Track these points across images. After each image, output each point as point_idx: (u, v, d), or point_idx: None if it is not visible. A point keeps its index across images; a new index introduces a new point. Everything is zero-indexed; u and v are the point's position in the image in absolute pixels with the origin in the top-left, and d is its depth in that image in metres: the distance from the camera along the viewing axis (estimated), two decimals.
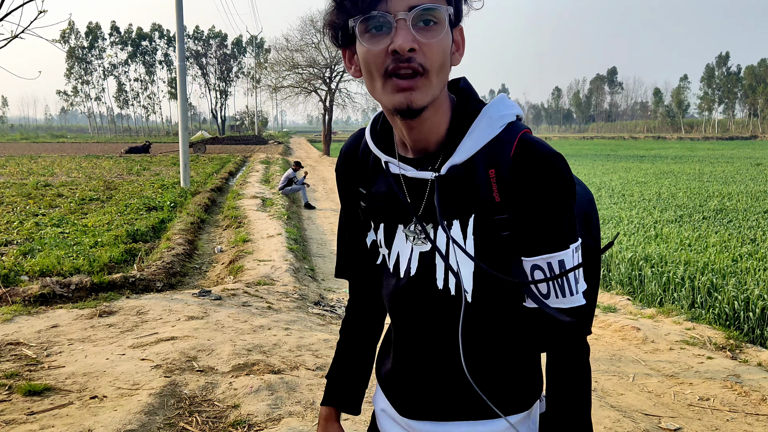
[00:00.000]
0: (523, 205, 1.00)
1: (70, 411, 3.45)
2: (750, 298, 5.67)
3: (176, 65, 16.16)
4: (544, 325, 1.04)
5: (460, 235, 1.04)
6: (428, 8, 0.93)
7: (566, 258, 1.00)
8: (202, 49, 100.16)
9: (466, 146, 1.02)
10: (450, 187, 1.03)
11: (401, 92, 0.96)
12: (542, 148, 1.01)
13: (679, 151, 46.37)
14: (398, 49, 0.93)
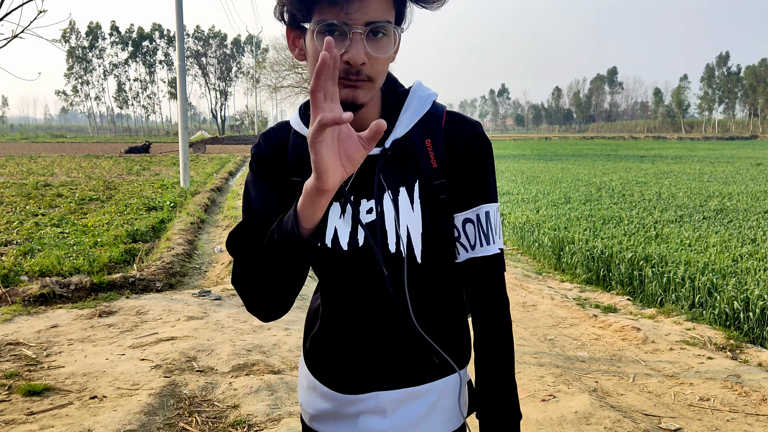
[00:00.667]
0: (456, 168, 1.15)
1: (69, 411, 3.45)
2: (750, 298, 5.66)
3: (176, 65, 16.16)
4: (474, 274, 1.18)
5: (407, 201, 1.13)
6: (382, 25, 1.03)
7: (491, 210, 1.17)
8: (202, 49, 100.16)
9: (404, 121, 1.15)
10: (394, 158, 1.14)
11: (346, 88, 1.04)
12: (467, 117, 1.18)
13: (679, 151, 46.37)
14: (351, 62, 1.02)
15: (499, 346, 1.19)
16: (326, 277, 1.23)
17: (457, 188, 1.16)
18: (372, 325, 1.18)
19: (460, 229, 1.17)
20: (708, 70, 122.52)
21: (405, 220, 1.13)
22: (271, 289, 1.10)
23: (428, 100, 1.19)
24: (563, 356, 4.82)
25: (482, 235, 1.16)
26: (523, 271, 8.08)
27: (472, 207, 1.16)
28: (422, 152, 1.15)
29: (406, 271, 1.14)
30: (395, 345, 1.18)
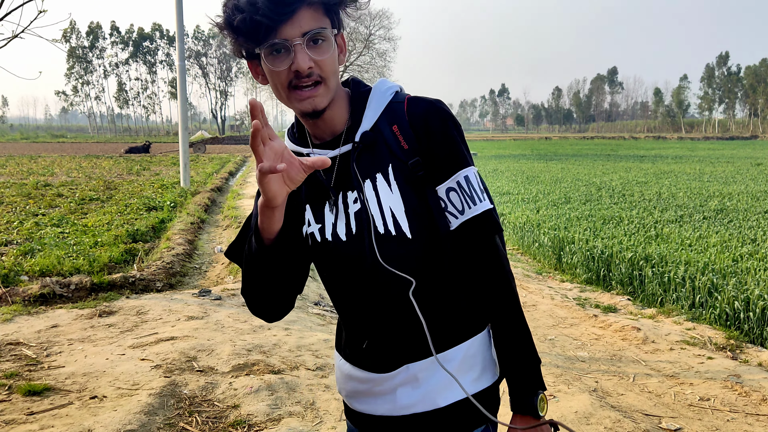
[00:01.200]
0: (426, 145, 1.24)
1: (69, 411, 3.45)
2: (750, 298, 5.66)
3: (176, 65, 16.17)
4: (468, 236, 1.24)
5: (385, 184, 1.24)
6: (317, 31, 1.16)
7: (469, 174, 1.24)
8: (202, 49, 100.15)
9: (368, 116, 1.26)
10: (366, 150, 1.25)
11: (305, 100, 1.18)
12: (426, 98, 1.27)
13: (679, 151, 46.37)
14: (299, 70, 1.15)
15: (502, 297, 1.26)
16: (331, 270, 1.34)
17: (432, 163, 1.24)
18: (382, 304, 1.28)
19: (446, 200, 1.24)
20: (708, 70, 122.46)
21: (387, 202, 1.23)
22: (263, 292, 1.27)
23: (388, 92, 1.29)
24: (563, 356, 4.82)
25: (467, 197, 1.23)
26: (523, 271, 8.08)
27: (450, 176, 1.24)
28: (391, 138, 1.25)
29: (395, 248, 1.23)
30: (408, 319, 1.26)
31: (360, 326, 1.33)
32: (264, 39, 1.15)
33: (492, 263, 1.26)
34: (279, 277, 1.24)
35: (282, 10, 1.13)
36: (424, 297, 1.25)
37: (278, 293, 1.28)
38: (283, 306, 1.32)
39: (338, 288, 1.35)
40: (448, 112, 1.26)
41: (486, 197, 1.26)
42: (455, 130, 1.26)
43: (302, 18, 1.15)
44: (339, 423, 3.44)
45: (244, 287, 1.29)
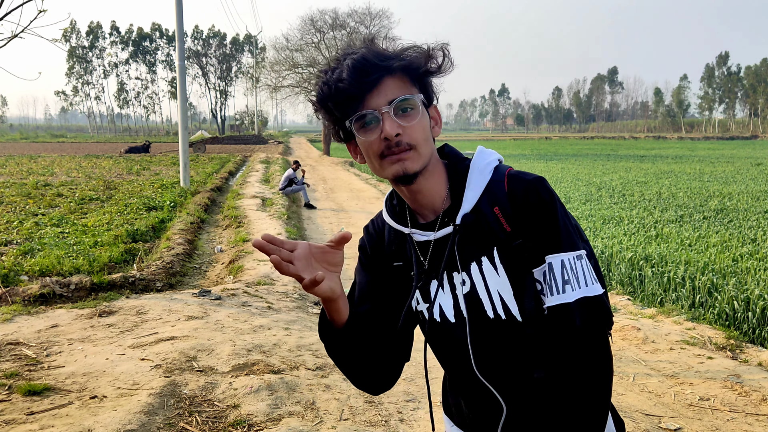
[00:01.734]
0: (526, 225, 1.20)
1: (69, 411, 3.45)
2: (750, 298, 5.66)
3: (176, 65, 16.16)
4: (552, 323, 1.18)
5: (491, 268, 1.22)
6: (403, 99, 1.18)
7: (554, 261, 1.17)
8: (202, 49, 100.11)
9: (469, 197, 1.23)
10: (468, 233, 1.23)
11: (396, 163, 1.19)
12: (526, 176, 1.23)
13: (679, 150, 46.36)
14: (387, 136, 1.17)
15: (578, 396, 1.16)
16: (439, 347, 1.35)
17: (532, 244, 1.20)
18: (485, 385, 1.28)
19: (541, 282, 1.20)
20: (708, 70, 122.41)
21: (494, 286, 1.22)
22: (356, 369, 1.33)
23: (487, 169, 1.26)
24: None
25: (553, 284, 1.17)
26: None
27: (545, 259, 1.19)
28: (494, 220, 1.22)
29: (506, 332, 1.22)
30: (514, 402, 1.26)
31: (464, 399, 1.35)
32: (353, 111, 1.19)
33: (570, 354, 1.16)
34: (364, 354, 1.28)
35: (366, 79, 1.16)
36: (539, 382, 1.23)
37: (374, 367, 1.31)
38: (386, 377, 1.34)
39: (446, 363, 1.37)
40: (550, 191, 1.21)
41: (574, 289, 1.16)
42: (555, 211, 1.20)
43: (387, 87, 1.18)
44: (339, 423, 3.44)
45: (339, 366, 1.35)
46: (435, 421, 1.48)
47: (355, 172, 24.94)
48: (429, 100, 1.25)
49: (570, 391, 1.16)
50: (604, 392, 1.16)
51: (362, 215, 12.86)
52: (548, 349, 1.20)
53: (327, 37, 37.40)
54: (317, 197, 16.00)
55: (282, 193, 14.83)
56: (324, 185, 19.34)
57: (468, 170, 1.26)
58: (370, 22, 37.59)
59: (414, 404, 3.81)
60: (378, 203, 14.88)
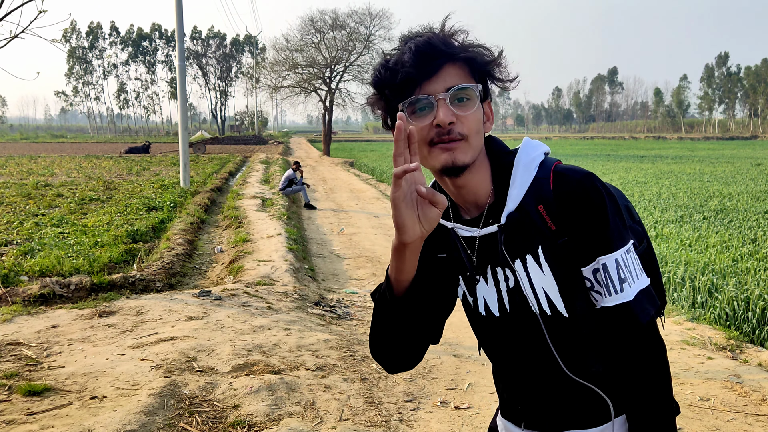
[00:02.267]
0: (573, 224, 1.18)
1: (69, 411, 3.45)
2: (750, 299, 5.66)
3: (176, 65, 16.16)
4: (611, 322, 1.19)
5: (535, 266, 1.22)
6: (462, 87, 1.15)
7: (608, 261, 1.17)
8: (201, 50, 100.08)
9: (513, 195, 1.21)
10: (513, 230, 1.22)
11: (446, 153, 1.16)
12: (574, 173, 1.21)
13: (679, 151, 46.36)
14: (440, 123, 1.14)
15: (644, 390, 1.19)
16: (485, 340, 1.38)
17: (579, 243, 1.19)
18: (531, 378, 1.30)
19: (592, 280, 1.19)
20: (707, 70, 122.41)
21: (539, 283, 1.22)
22: (391, 342, 1.26)
23: (532, 165, 1.24)
24: None
25: (610, 284, 1.17)
26: None
27: (595, 259, 1.18)
28: (538, 218, 1.20)
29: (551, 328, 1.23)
30: (553, 394, 1.28)
31: (511, 392, 1.36)
32: (408, 95, 1.16)
33: (635, 356, 1.19)
34: (409, 329, 1.24)
35: (427, 64, 1.14)
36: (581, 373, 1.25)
37: (406, 345, 1.28)
38: (410, 357, 1.31)
39: (493, 356, 1.39)
40: (598, 189, 1.18)
41: (633, 283, 1.18)
42: (604, 210, 1.18)
43: (447, 75, 1.16)
44: (339, 423, 3.44)
45: (371, 334, 1.28)
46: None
47: (355, 172, 24.95)
48: (486, 94, 1.24)
49: (640, 380, 1.19)
50: (668, 374, 1.20)
51: (362, 215, 12.86)
52: (605, 344, 1.22)
53: (327, 38, 37.39)
54: (317, 197, 16.00)
55: (282, 194, 14.83)
56: (324, 185, 19.34)
57: (512, 165, 1.24)
58: (370, 22, 37.59)
59: (414, 404, 3.81)
60: (378, 203, 14.87)
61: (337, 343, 4.77)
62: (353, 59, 37.65)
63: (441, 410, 3.75)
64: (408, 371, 4.24)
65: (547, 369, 1.26)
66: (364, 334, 5.24)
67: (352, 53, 37.43)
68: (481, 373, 4.36)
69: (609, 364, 1.24)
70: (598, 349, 1.23)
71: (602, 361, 1.24)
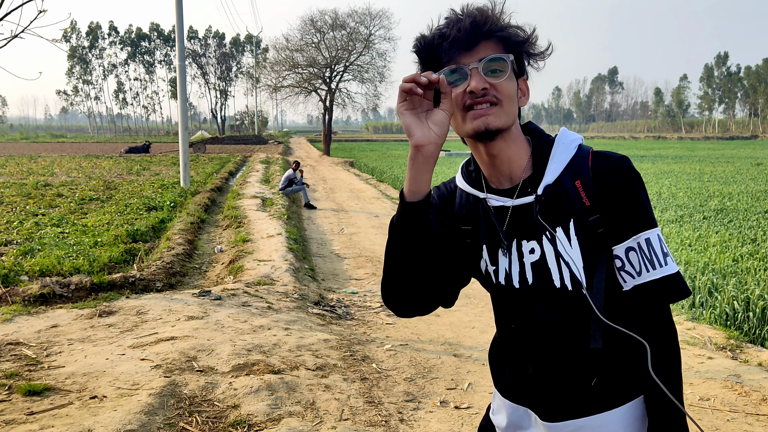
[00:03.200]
0: (608, 203, 1.23)
1: (69, 411, 3.45)
2: (750, 298, 5.66)
3: (176, 65, 16.16)
4: (642, 300, 1.23)
5: (565, 239, 1.25)
6: (494, 58, 1.21)
7: (651, 236, 1.22)
8: (200, 49, 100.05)
9: (552, 168, 1.27)
10: (548, 202, 1.26)
11: (478, 118, 1.21)
12: (612, 154, 1.26)
13: (679, 150, 46.36)
14: (474, 89, 1.20)
15: (665, 371, 1.22)
16: (501, 311, 1.40)
17: (613, 221, 1.24)
18: (546, 353, 1.31)
19: (624, 259, 1.23)
20: (707, 70, 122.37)
21: (566, 257, 1.25)
22: (400, 276, 1.27)
23: (572, 146, 1.30)
24: None
25: (647, 260, 1.21)
26: None
27: (632, 236, 1.23)
28: (574, 193, 1.25)
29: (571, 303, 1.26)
30: (571, 372, 1.30)
31: (529, 371, 1.36)
32: (445, 65, 1.23)
33: (661, 330, 1.24)
34: (419, 262, 1.25)
35: (464, 39, 1.21)
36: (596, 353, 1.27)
37: (417, 283, 1.27)
38: (421, 302, 1.31)
39: (506, 328, 1.40)
40: (634, 170, 1.25)
41: (669, 261, 1.23)
42: (640, 190, 1.24)
43: (482, 48, 1.23)
44: (339, 423, 3.44)
45: (384, 272, 1.30)
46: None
47: (355, 172, 24.95)
48: (521, 69, 1.29)
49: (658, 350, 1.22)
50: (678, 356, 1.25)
51: (362, 215, 12.86)
52: (621, 322, 1.24)
53: (327, 38, 37.40)
54: (317, 197, 16.01)
55: (282, 194, 14.84)
56: (324, 185, 19.34)
57: (552, 145, 1.31)
58: (370, 22, 37.60)
59: (414, 404, 3.81)
60: (378, 203, 14.88)
61: (337, 342, 4.77)
62: (353, 59, 37.65)
63: (441, 410, 3.75)
64: (406, 373, 4.24)
65: (562, 343, 1.29)
66: (364, 334, 5.25)
67: (352, 53, 37.43)
68: (481, 373, 4.36)
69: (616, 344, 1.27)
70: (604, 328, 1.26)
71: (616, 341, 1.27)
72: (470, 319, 5.53)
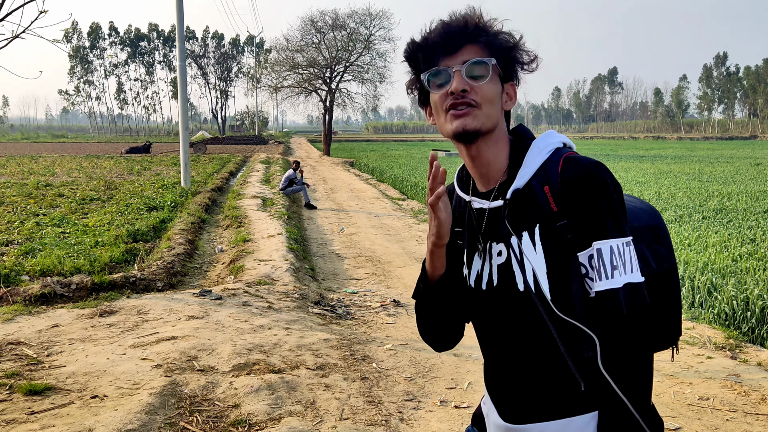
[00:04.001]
0: (574, 208, 1.23)
1: (70, 410, 3.46)
2: (750, 298, 5.67)
3: (176, 65, 16.16)
4: (599, 308, 1.21)
5: (530, 243, 1.26)
6: (476, 61, 1.25)
7: (604, 247, 1.20)
8: (199, 50, 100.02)
9: (523, 173, 1.28)
10: (516, 207, 1.28)
11: (456, 119, 1.25)
12: (583, 160, 1.25)
13: (678, 151, 46.35)
14: (454, 90, 1.24)
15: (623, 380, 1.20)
16: (474, 314, 1.41)
17: (578, 228, 1.23)
18: (510, 357, 1.32)
19: (587, 266, 1.22)
20: (706, 70, 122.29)
21: (530, 262, 1.26)
22: (433, 324, 1.41)
23: (546, 149, 1.30)
24: None
25: (597, 271, 1.20)
26: None
27: (590, 244, 1.21)
28: (542, 198, 1.26)
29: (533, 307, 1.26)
30: (533, 376, 1.29)
31: (493, 369, 1.38)
32: (430, 67, 1.28)
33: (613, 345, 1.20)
34: (445, 311, 1.38)
35: (449, 42, 1.26)
36: (557, 358, 1.25)
37: (446, 325, 1.40)
38: (452, 336, 1.43)
39: (479, 331, 1.41)
40: (603, 177, 1.23)
41: (621, 274, 1.19)
42: (604, 199, 1.22)
43: (466, 52, 1.27)
44: (339, 422, 3.45)
45: (418, 324, 1.44)
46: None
47: (355, 172, 24.96)
48: (506, 75, 1.31)
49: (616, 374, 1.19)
50: (645, 375, 1.21)
51: (362, 215, 12.87)
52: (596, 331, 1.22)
53: (327, 38, 37.41)
54: (317, 197, 16.01)
55: (282, 194, 14.85)
56: (324, 185, 19.35)
57: (528, 149, 1.32)
58: (371, 22, 37.62)
59: (414, 404, 3.82)
60: (378, 203, 14.89)
61: (338, 342, 4.78)
62: (353, 59, 37.67)
63: (441, 409, 3.76)
64: (406, 373, 4.25)
65: (524, 348, 1.29)
66: (365, 334, 5.26)
67: (353, 53, 37.45)
68: (480, 372, 4.37)
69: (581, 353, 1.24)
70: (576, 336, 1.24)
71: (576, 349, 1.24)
72: None
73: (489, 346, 1.38)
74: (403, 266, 8.02)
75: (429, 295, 1.36)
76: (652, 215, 1.48)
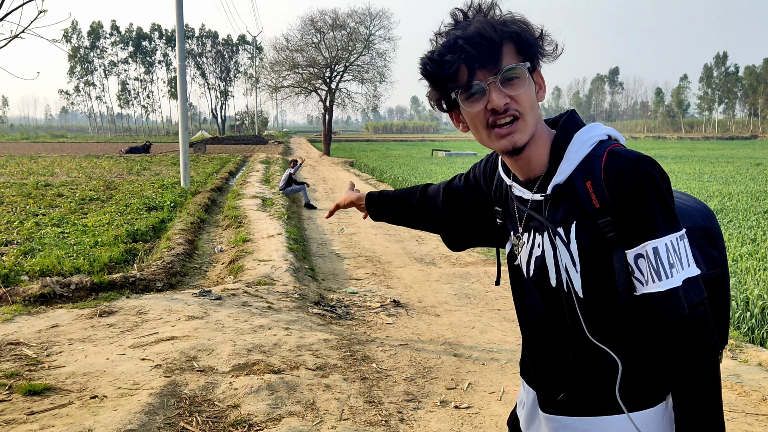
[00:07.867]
0: (619, 205, 1.17)
1: (70, 411, 3.46)
2: (750, 298, 5.67)
3: (176, 65, 16.16)
4: (651, 310, 1.16)
5: (565, 241, 1.23)
6: (510, 68, 1.18)
7: (659, 245, 1.15)
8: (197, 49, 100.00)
9: (563, 168, 1.24)
10: (557, 201, 1.25)
11: (504, 138, 1.21)
12: (628, 154, 1.19)
13: (679, 150, 46.35)
14: (495, 108, 1.19)
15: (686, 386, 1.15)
16: (515, 292, 1.43)
17: (623, 225, 1.18)
18: (545, 346, 1.33)
19: (633, 265, 1.18)
20: (706, 70, 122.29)
21: (563, 259, 1.23)
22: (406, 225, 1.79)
23: (589, 143, 1.25)
24: None
25: (653, 271, 1.15)
26: None
27: (639, 243, 1.16)
28: (584, 194, 1.21)
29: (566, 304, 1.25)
30: (566, 368, 1.28)
31: (532, 357, 1.38)
32: (459, 82, 1.20)
33: (674, 341, 1.15)
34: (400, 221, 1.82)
35: (474, 53, 1.17)
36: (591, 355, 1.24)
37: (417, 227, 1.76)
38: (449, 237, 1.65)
39: (520, 315, 1.42)
40: (650, 172, 1.16)
41: (678, 272, 1.15)
42: (654, 195, 1.15)
43: (495, 59, 1.19)
44: (339, 423, 3.45)
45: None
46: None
47: (355, 172, 24.95)
48: (533, 66, 1.25)
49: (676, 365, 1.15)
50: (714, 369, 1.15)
51: (362, 215, 12.85)
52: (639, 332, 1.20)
53: (327, 38, 37.41)
54: (317, 197, 16.01)
55: (282, 194, 14.84)
56: (324, 185, 19.34)
57: (570, 142, 1.27)
58: (370, 22, 37.62)
59: (414, 404, 3.81)
60: None
61: (337, 342, 4.77)
62: (353, 59, 37.66)
63: (441, 410, 3.75)
64: (406, 373, 4.25)
65: (558, 341, 1.29)
66: (365, 334, 5.25)
67: (352, 53, 37.45)
68: (481, 372, 4.36)
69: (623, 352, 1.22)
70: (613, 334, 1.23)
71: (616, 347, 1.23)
72: (470, 319, 5.54)
73: (527, 331, 1.38)
74: (403, 266, 8.02)
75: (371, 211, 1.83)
76: (707, 216, 1.39)
